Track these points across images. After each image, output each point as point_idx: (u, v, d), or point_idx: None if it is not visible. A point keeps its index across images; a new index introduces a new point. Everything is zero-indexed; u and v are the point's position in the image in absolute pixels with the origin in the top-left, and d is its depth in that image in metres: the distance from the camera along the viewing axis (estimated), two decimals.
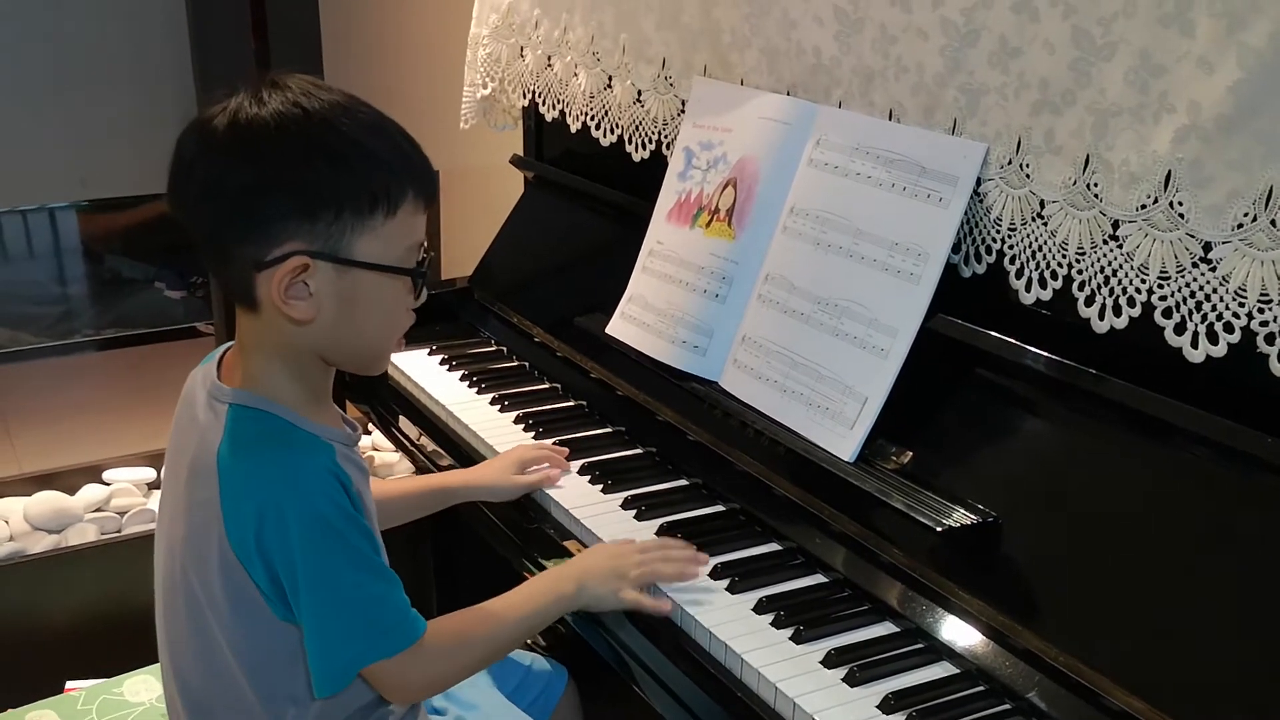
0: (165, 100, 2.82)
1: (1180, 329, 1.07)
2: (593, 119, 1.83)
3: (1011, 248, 1.23)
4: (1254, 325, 1.01)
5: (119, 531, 2.14)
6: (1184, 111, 1.04)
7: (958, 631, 1.11)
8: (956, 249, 1.27)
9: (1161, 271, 1.08)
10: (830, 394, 1.31)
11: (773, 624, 1.16)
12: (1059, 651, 1.02)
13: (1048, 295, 1.20)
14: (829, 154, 1.40)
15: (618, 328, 1.62)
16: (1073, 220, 1.16)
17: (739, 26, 1.55)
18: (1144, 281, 1.10)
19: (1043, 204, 1.19)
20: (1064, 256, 1.17)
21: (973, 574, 1.12)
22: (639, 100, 1.74)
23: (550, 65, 1.92)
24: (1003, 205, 1.23)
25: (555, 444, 1.52)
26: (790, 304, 1.39)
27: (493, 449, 1.54)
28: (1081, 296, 1.16)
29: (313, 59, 2.43)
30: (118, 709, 1.46)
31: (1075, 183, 1.15)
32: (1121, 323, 1.13)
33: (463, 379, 1.75)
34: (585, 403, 1.66)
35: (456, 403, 1.68)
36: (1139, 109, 1.08)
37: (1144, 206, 1.09)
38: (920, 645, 1.13)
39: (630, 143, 1.77)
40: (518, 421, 1.61)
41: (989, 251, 1.26)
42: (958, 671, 1.10)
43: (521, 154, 2.11)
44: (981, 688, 1.07)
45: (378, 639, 1.07)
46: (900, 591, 1.17)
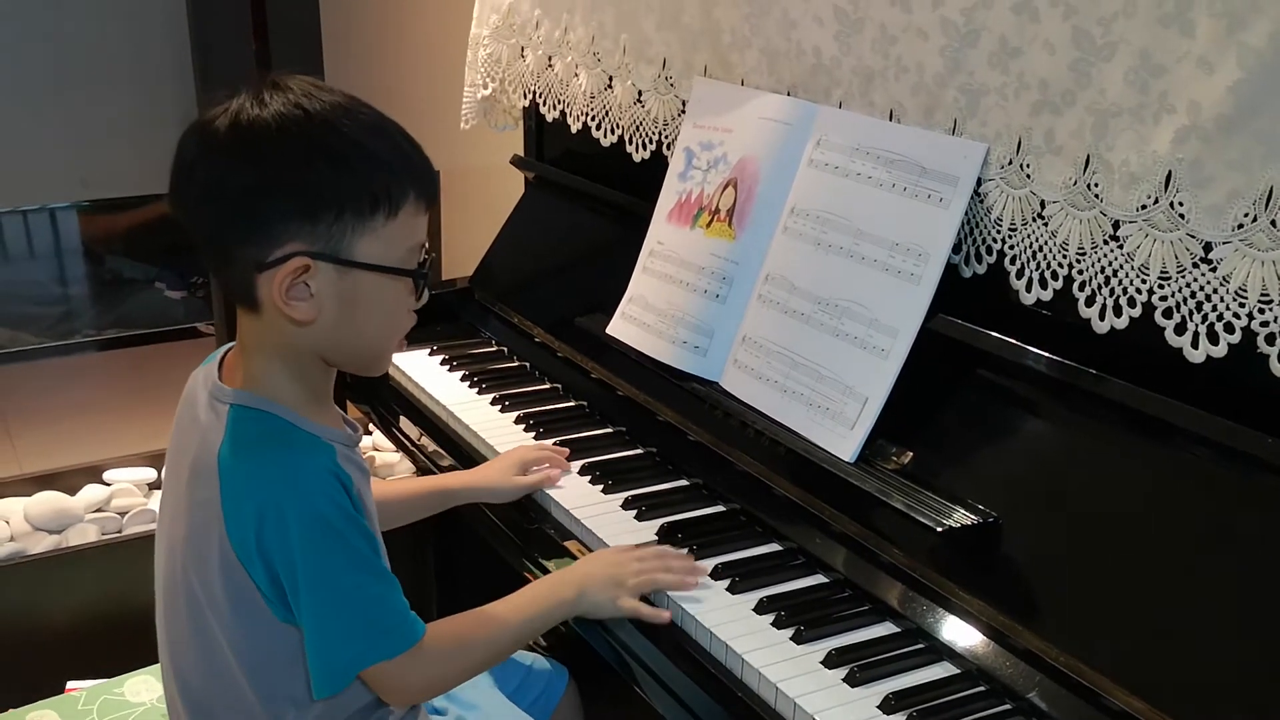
0: (165, 100, 2.82)
1: (1181, 329, 1.07)
2: (593, 119, 1.83)
3: (1012, 248, 1.23)
4: (1254, 325, 1.01)
5: (119, 532, 2.14)
6: (1184, 112, 1.04)
7: (958, 632, 1.11)
8: (957, 249, 1.27)
9: (1162, 272, 1.08)
10: (831, 394, 1.31)
11: (773, 624, 1.16)
12: (1059, 651, 1.02)
13: (1048, 295, 1.20)
14: (829, 154, 1.40)
15: (618, 328, 1.62)
16: (1073, 220, 1.16)
17: (739, 27, 1.55)
18: (1144, 282, 1.10)
19: (1043, 204, 1.19)
20: (1064, 257, 1.17)
21: (973, 574, 1.12)
22: (639, 100, 1.74)
23: (551, 65, 1.92)
24: (1003, 205, 1.23)
25: (556, 444, 1.52)
26: (791, 304, 1.39)
27: (493, 449, 1.54)
28: (1082, 297, 1.16)
29: (313, 59, 2.43)
30: (118, 709, 1.46)
31: (1076, 183, 1.15)
32: (1122, 323, 1.13)
33: (463, 379, 1.75)
34: (586, 403, 1.66)
35: (457, 403, 1.68)
36: (1139, 109, 1.08)
37: (1144, 207, 1.09)
38: (921, 645, 1.13)
39: (631, 143, 1.77)
40: (518, 422, 1.61)
41: (989, 252, 1.26)
42: (958, 672, 1.10)
43: (522, 154, 2.11)
44: (982, 688, 1.07)
45: (377, 640, 1.07)
46: (901, 592, 1.17)
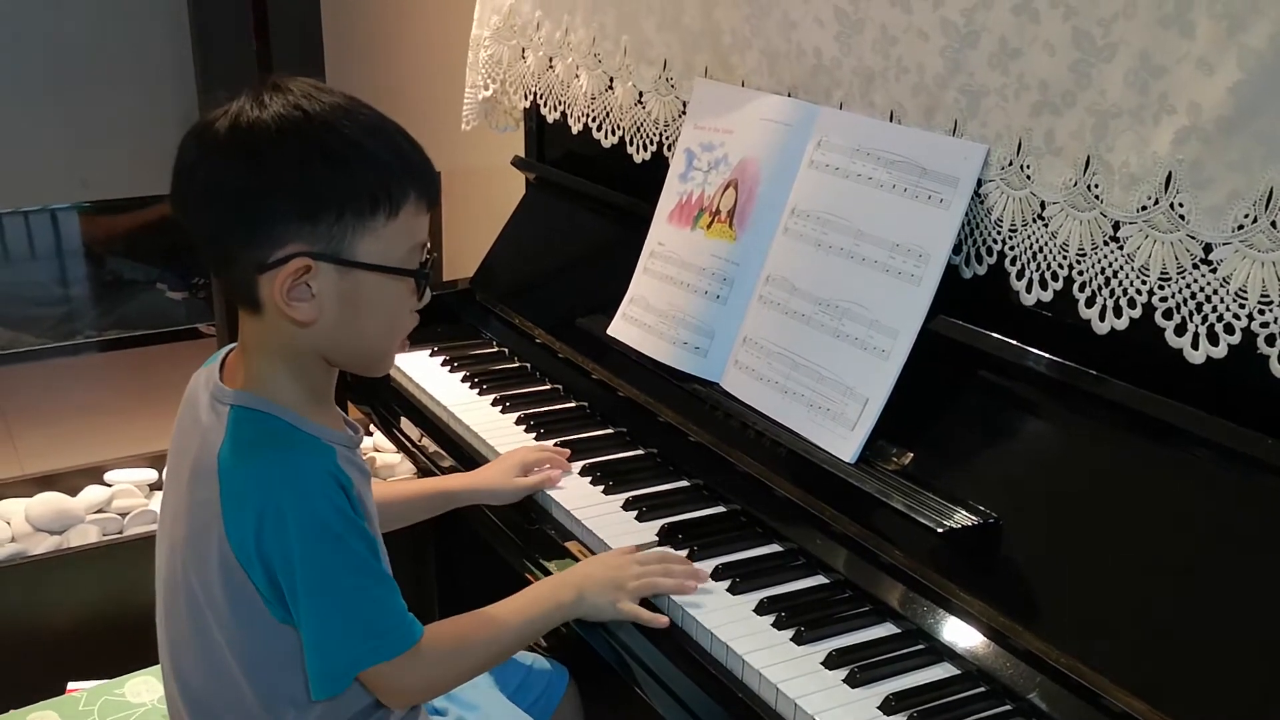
0: (165, 100, 2.82)
1: (1181, 330, 1.07)
2: (594, 120, 1.83)
3: (1012, 249, 1.23)
4: (1254, 326, 1.01)
5: (120, 533, 2.14)
6: (1184, 113, 1.04)
7: (959, 632, 1.11)
8: (957, 250, 1.27)
9: (1162, 273, 1.08)
10: (831, 395, 1.31)
11: (774, 625, 1.16)
12: (1060, 652, 1.02)
13: (1048, 296, 1.20)
14: (830, 155, 1.40)
15: (619, 329, 1.62)
16: (1073, 221, 1.16)
17: (740, 28, 1.55)
18: (1144, 283, 1.10)
19: (1043, 205, 1.19)
20: (1065, 258, 1.17)
21: (973, 575, 1.12)
22: (640, 102, 1.74)
23: (551, 67, 1.92)
24: (1003, 206, 1.23)
25: (557, 445, 1.52)
26: (791, 305, 1.39)
27: (494, 450, 1.54)
28: (1082, 298, 1.16)
29: (314, 60, 2.44)
30: (119, 710, 1.46)
31: (1076, 184, 1.15)
32: (1122, 324, 1.13)
33: (464, 380, 1.75)
34: (587, 404, 1.66)
35: (458, 404, 1.68)
36: (1139, 110, 1.08)
37: (1144, 208, 1.09)
38: (921, 646, 1.13)
39: (631, 144, 1.77)
40: (519, 423, 1.61)
41: (990, 253, 1.26)
42: (959, 672, 1.10)
43: (523, 155, 2.12)
44: (982, 689, 1.07)
45: (375, 642, 1.07)
46: (901, 593, 1.17)
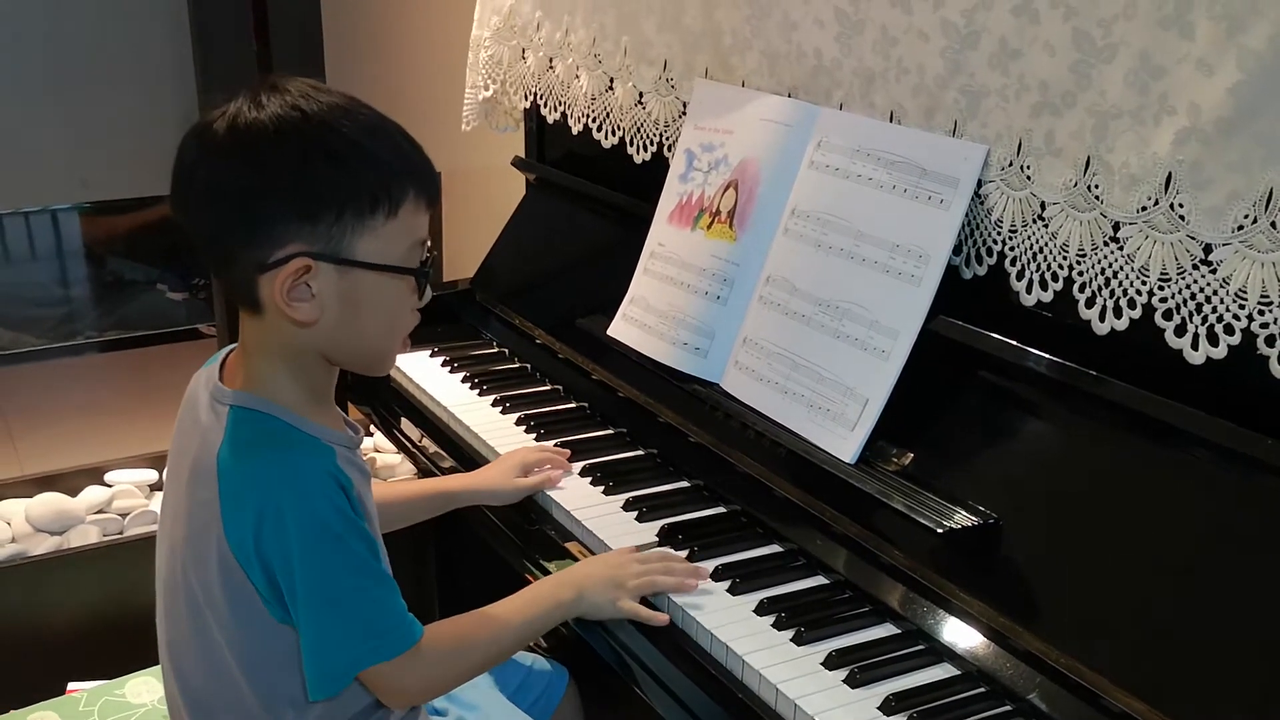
0: (166, 100, 2.82)
1: (1181, 331, 1.07)
2: (594, 121, 1.83)
3: (1012, 249, 1.23)
4: (1254, 327, 1.01)
5: (121, 533, 2.14)
6: (1184, 113, 1.04)
7: (959, 633, 1.11)
8: (957, 251, 1.27)
9: (1162, 273, 1.08)
10: (831, 395, 1.31)
11: (774, 625, 1.16)
12: (1059, 653, 1.02)
13: (1048, 297, 1.20)
14: (830, 156, 1.40)
15: (619, 329, 1.62)
16: (1073, 222, 1.16)
17: (740, 28, 1.55)
18: (1144, 283, 1.10)
19: (1043, 206, 1.19)
20: (1065, 258, 1.17)
21: (973, 575, 1.12)
22: (640, 102, 1.74)
23: (552, 67, 1.92)
24: (1003, 207, 1.23)
25: (557, 446, 1.52)
26: (791, 306, 1.39)
27: (494, 451, 1.54)
28: (1082, 298, 1.16)
29: (314, 60, 2.43)
30: (119, 710, 1.46)
31: (1076, 185, 1.15)
32: (1122, 324, 1.13)
33: (464, 381, 1.75)
34: (587, 404, 1.66)
35: (458, 404, 1.68)
36: (1139, 111, 1.08)
37: (1144, 208, 1.09)
38: (921, 647, 1.13)
39: (632, 145, 1.77)
40: (519, 423, 1.61)
41: (990, 253, 1.26)
42: (959, 673, 1.10)
43: (523, 156, 2.12)
44: (982, 689, 1.07)
45: (375, 642, 1.07)
46: (901, 593, 1.17)
